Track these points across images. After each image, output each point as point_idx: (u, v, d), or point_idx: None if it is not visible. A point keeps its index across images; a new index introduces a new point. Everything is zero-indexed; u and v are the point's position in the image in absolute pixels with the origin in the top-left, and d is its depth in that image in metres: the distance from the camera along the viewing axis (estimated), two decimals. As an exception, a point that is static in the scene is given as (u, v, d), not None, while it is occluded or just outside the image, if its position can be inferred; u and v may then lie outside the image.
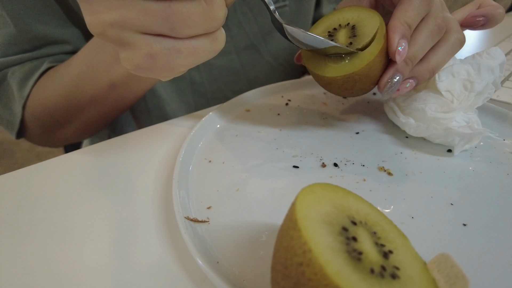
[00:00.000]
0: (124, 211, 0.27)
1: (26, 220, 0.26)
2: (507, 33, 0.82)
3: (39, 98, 0.41)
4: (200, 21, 0.19)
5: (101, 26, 0.19)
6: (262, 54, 0.57)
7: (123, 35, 0.19)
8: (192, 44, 0.20)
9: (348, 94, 0.32)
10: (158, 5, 0.18)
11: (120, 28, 0.19)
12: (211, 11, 0.19)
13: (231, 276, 0.20)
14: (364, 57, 0.29)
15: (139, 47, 0.20)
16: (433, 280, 0.15)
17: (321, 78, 0.31)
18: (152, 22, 0.19)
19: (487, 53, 0.32)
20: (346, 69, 0.29)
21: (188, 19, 0.19)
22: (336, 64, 0.30)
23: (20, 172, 0.32)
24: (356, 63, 0.29)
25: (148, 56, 0.20)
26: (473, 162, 0.30)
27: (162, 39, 0.20)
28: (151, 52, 0.20)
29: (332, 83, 0.31)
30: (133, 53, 0.20)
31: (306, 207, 0.16)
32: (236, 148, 0.34)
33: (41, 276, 0.22)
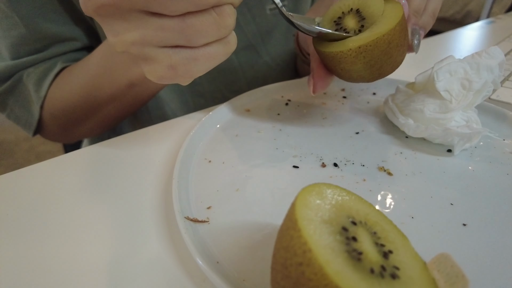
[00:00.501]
0: (124, 211, 0.27)
1: (26, 220, 0.26)
2: (507, 33, 0.82)
3: (56, 99, 0.42)
4: (213, 31, 0.21)
5: (124, 46, 0.21)
6: (260, 54, 0.57)
7: (144, 51, 0.21)
8: (207, 51, 0.22)
9: (396, 59, 0.30)
10: (173, 21, 0.20)
11: (141, 45, 0.21)
12: (222, 20, 0.21)
13: (231, 276, 0.20)
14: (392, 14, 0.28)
15: (160, 61, 0.21)
16: (433, 280, 0.15)
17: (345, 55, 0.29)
18: (169, 37, 0.20)
19: (486, 53, 0.32)
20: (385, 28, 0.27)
21: (202, 30, 0.20)
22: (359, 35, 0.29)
23: (20, 172, 0.32)
24: (388, 20, 0.28)
25: (169, 67, 0.22)
26: (473, 162, 0.30)
27: (180, 50, 0.21)
28: (171, 63, 0.21)
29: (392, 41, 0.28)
30: (155, 67, 0.22)
31: (306, 207, 0.16)
32: (236, 148, 0.34)
33: (41, 276, 0.22)
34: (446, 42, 0.76)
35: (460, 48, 0.72)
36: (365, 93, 0.45)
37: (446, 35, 0.82)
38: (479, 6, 1.81)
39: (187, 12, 0.20)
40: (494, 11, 1.74)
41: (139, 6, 0.19)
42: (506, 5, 1.84)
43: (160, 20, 0.20)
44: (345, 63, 0.29)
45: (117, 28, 0.20)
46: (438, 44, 0.72)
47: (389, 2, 0.30)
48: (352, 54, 0.28)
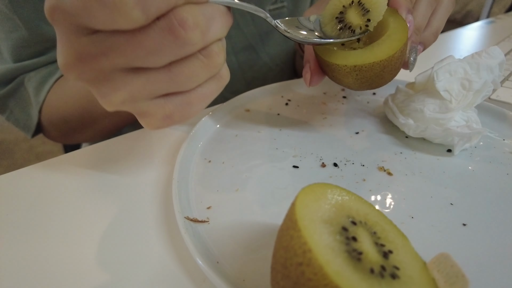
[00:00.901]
0: (124, 211, 0.27)
1: (26, 220, 0.26)
2: (507, 33, 0.82)
3: (53, 107, 0.42)
4: (203, 73, 0.20)
5: (114, 106, 0.20)
6: (259, 54, 0.57)
7: (136, 107, 0.20)
8: (201, 92, 0.21)
9: (387, 80, 0.31)
10: (159, 73, 0.19)
11: (131, 103, 0.20)
12: (211, 61, 0.20)
13: (231, 276, 0.20)
14: (397, 36, 0.28)
15: (154, 113, 0.21)
16: (433, 280, 0.15)
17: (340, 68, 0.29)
18: (158, 88, 0.19)
19: (486, 53, 0.32)
20: (385, 53, 0.28)
21: (191, 76, 0.19)
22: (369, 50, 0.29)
23: (20, 172, 0.32)
24: (391, 43, 0.28)
25: (164, 117, 0.21)
26: (473, 162, 0.30)
27: (172, 97, 0.20)
28: (166, 113, 0.21)
29: (387, 66, 0.29)
30: (150, 119, 0.21)
31: (306, 207, 0.16)
32: (236, 148, 0.34)
33: (41, 276, 0.22)
34: (446, 42, 0.76)
35: (460, 48, 0.72)
36: (365, 93, 0.45)
37: (446, 35, 0.82)
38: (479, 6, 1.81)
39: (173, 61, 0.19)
40: (494, 11, 1.74)
41: (121, 65, 0.18)
42: (506, 5, 1.84)
43: (145, 75, 0.19)
44: (338, 74, 0.30)
45: (103, 90, 0.19)
46: (438, 44, 0.72)
47: (396, 18, 0.29)
48: (346, 69, 0.29)
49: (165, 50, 0.17)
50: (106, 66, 0.18)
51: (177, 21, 0.17)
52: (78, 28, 0.17)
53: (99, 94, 0.20)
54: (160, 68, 0.19)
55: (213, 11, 0.19)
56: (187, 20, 0.17)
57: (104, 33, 0.17)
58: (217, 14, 0.19)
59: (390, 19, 0.29)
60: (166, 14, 0.17)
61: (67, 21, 0.17)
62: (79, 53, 0.18)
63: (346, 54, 0.29)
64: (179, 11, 0.17)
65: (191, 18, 0.17)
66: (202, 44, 0.18)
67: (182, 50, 0.18)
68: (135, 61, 0.18)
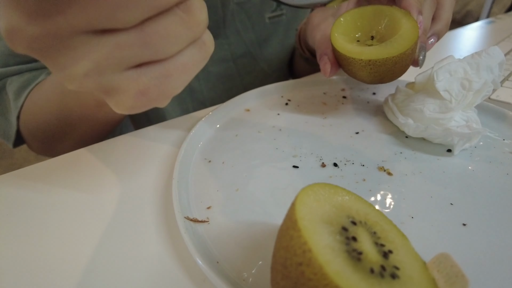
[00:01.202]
0: (124, 211, 0.27)
1: (26, 220, 0.26)
2: (507, 33, 0.82)
3: (30, 113, 0.40)
4: (182, 33, 0.16)
5: (76, 81, 0.16)
6: (257, 61, 0.58)
7: (102, 82, 0.16)
8: (181, 61, 0.17)
9: (397, 75, 0.34)
10: (130, 35, 0.15)
11: (97, 75, 0.16)
12: (190, 17, 0.16)
13: (231, 276, 0.20)
14: (408, 36, 0.31)
15: (125, 89, 0.17)
16: (432, 280, 0.15)
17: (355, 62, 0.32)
18: (130, 55, 0.16)
19: (486, 53, 0.32)
20: (398, 50, 0.31)
21: (168, 35, 0.16)
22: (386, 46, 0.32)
23: (20, 172, 0.32)
24: (403, 42, 0.31)
25: (138, 94, 0.17)
26: (473, 162, 0.30)
27: (147, 68, 0.17)
28: (140, 88, 0.17)
29: (399, 62, 0.31)
30: (121, 97, 0.17)
31: (306, 207, 0.16)
32: (236, 148, 0.34)
33: (41, 276, 0.22)
34: (446, 42, 0.76)
35: (460, 48, 0.72)
36: (365, 93, 0.45)
37: (446, 35, 0.82)
38: (479, 6, 1.81)
39: (145, 19, 0.15)
40: (494, 11, 1.74)
41: (82, 27, 0.14)
42: (506, 5, 1.84)
43: (113, 38, 0.15)
44: (353, 67, 0.33)
45: (61, 61, 0.15)
46: (438, 44, 0.72)
47: (408, 19, 0.32)
48: (362, 63, 0.32)
49: (134, 1, 0.14)
50: (64, 27, 0.14)
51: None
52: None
53: (57, 67, 0.16)
54: (131, 28, 0.15)
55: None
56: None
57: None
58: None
59: (403, 20, 0.32)
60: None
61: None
62: (27, 11, 0.14)
63: (363, 50, 0.32)
64: None
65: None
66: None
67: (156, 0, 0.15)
68: (99, 20, 0.14)
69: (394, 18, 0.34)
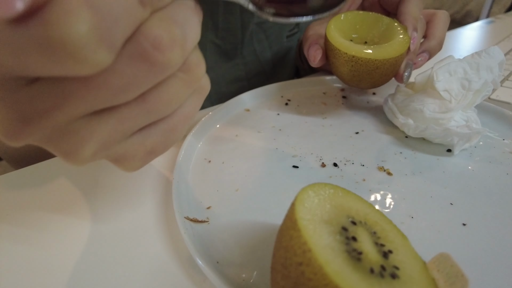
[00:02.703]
0: (124, 211, 0.27)
1: (26, 220, 0.26)
2: (507, 33, 0.82)
3: None
4: (184, 91, 0.16)
5: (85, 161, 0.15)
6: (269, 79, 0.58)
7: (110, 154, 0.16)
8: (182, 112, 0.17)
9: (375, 82, 0.35)
10: (133, 107, 0.14)
11: (103, 151, 0.15)
12: (192, 76, 0.16)
13: (231, 276, 0.20)
14: (397, 47, 0.33)
15: (133, 154, 0.17)
16: (432, 279, 0.16)
17: (340, 54, 0.33)
18: (133, 125, 0.15)
19: (486, 53, 0.32)
20: (382, 55, 0.32)
21: (171, 99, 0.15)
22: (380, 48, 0.33)
23: (20, 172, 0.32)
24: (390, 50, 0.32)
25: (146, 155, 0.17)
26: (472, 162, 0.30)
27: (151, 128, 0.16)
28: (147, 149, 0.17)
29: (380, 67, 0.33)
30: (130, 162, 0.17)
31: (305, 207, 0.16)
32: (236, 148, 0.34)
33: (40, 276, 0.22)
34: (445, 42, 0.76)
35: (459, 48, 0.72)
36: (365, 93, 0.45)
37: (445, 35, 0.82)
38: (479, 6, 1.81)
39: None
40: (493, 11, 1.74)
41: (79, 113, 0.13)
42: (505, 5, 1.84)
43: (115, 114, 0.14)
44: (337, 60, 0.34)
45: (65, 148, 0.14)
46: (437, 44, 0.72)
47: (403, 33, 0.34)
48: (345, 57, 0.33)
49: (138, 82, 0.13)
50: (61, 120, 0.13)
51: (149, 43, 0.13)
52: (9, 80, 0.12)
53: (62, 153, 0.15)
54: (132, 101, 0.14)
55: (185, 12, 0.14)
56: (161, 38, 0.13)
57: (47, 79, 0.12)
58: (189, 14, 0.14)
59: (398, 33, 0.34)
60: (133, 37, 0.12)
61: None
62: (20, 113, 0.13)
63: (350, 45, 0.33)
64: (148, 29, 0.13)
65: (166, 34, 0.13)
66: (183, 60, 0.14)
67: (161, 76, 0.14)
68: (99, 105, 0.13)
69: (391, 30, 0.35)
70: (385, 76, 0.34)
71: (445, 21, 0.38)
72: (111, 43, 0.11)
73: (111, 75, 0.13)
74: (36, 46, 0.10)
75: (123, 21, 0.11)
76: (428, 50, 0.36)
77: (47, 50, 0.10)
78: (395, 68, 0.33)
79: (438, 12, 0.39)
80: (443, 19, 0.38)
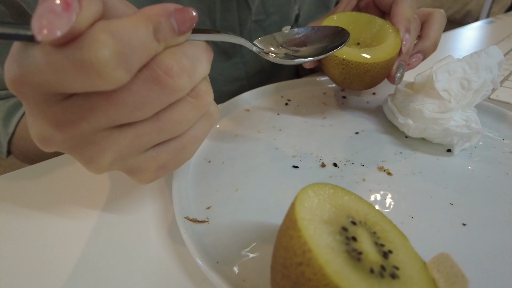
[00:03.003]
0: (124, 211, 0.27)
1: (26, 221, 0.26)
2: (507, 33, 0.82)
3: (22, 146, 0.40)
4: (193, 115, 0.19)
5: (103, 169, 0.18)
6: (270, 78, 0.58)
7: (126, 165, 0.19)
8: (192, 134, 0.20)
9: (366, 84, 0.35)
10: (147, 125, 0.17)
11: (120, 161, 0.18)
12: (200, 102, 0.18)
13: (231, 276, 0.20)
14: (387, 50, 0.33)
15: (146, 167, 0.19)
16: (432, 279, 0.16)
17: (331, 57, 0.33)
18: (148, 141, 0.18)
19: (485, 52, 0.32)
20: (372, 59, 0.32)
21: (182, 120, 0.18)
22: (372, 52, 0.33)
23: (20, 172, 0.32)
24: (381, 53, 0.32)
25: (158, 169, 0.20)
26: (472, 162, 0.30)
27: (163, 146, 0.19)
28: (159, 164, 0.19)
29: (370, 71, 0.33)
30: (143, 175, 0.20)
31: (305, 207, 0.16)
32: (236, 148, 0.34)
33: (40, 276, 0.22)
34: (445, 42, 0.76)
35: (459, 48, 0.72)
36: (364, 93, 0.45)
37: (445, 35, 0.82)
38: (479, 6, 1.81)
39: None
40: (493, 11, 1.74)
41: (102, 126, 0.16)
42: (505, 5, 1.84)
43: (132, 129, 0.17)
44: (328, 63, 0.34)
45: (88, 155, 0.17)
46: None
47: (395, 36, 0.33)
48: (336, 60, 0.33)
49: (152, 102, 0.16)
50: (87, 130, 0.16)
51: (161, 70, 0.16)
52: (48, 96, 0.15)
53: (84, 160, 0.18)
54: (147, 119, 0.17)
55: (195, 50, 0.18)
56: (172, 66, 0.16)
57: (78, 95, 0.16)
58: (199, 52, 0.18)
59: (390, 35, 0.34)
60: (148, 64, 0.16)
61: (35, 91, 0.15)
62: (54, 122, 0.16)
63: (341, 50, 0.32)
64: (161, 59, 0.16)
65: (176, 64, 0.16)
66: (191, 87, 0.17)
67: (171, 98, 0.17)
68: (119, 119, 0.16)
69: (384, 31, 0.35)
70: (376, 79, 0.34)
71: (440, 21, 0.38)
72: (127, 66, 0.14)
73: (129, 94, 0.15)
74: (72, 65, 0.13)
75: (139, 50, 0.14)
76: (422, 50, 0.36)
77: (80, 68, 0.13)
78: (386, 70, 0.33)
79: (434, 12, 0.38)
80: (438, 19, 0.38)
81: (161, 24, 0.15)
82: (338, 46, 0.28)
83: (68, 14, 0.13)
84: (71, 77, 0.14)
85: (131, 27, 0.14)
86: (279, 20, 0.52)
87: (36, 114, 0.16)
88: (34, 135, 0.17)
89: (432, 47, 0.36)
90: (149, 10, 0.15)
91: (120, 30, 0.14)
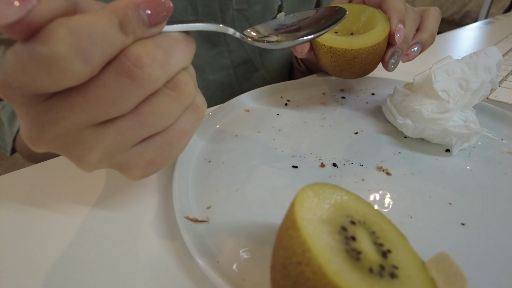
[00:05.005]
0: (124, 211, 0.27)
1: (26, 221, 0.26)
2: (505, 34, 0.82)
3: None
4: (175, 108, 0.18)
5: (92, 167, 0.19)
6: (257, 67, 0.58)
7: (114, 162, 0.19)
8: (178, 127, 0.19)
9: (357, 72, 0.35)
10: (128, 120, 0.17)
11: (108, 158, 0.19)
12: (179, 93, 0.18)
13: (231, 276, 0.20)
14: (374, 36, 0.33)
15: (134, 163, 0.19)
16: (431, 279, 0.16)
17: (320, 46, 0.33)
18: (132, 136, 0.18)
19: (484, 53, 0.32)
20: (358, 45, 0.32)
21: (163, 113, 0.18)
22: (358, 39, 0.33)
23: (20, 172, 0.32)
24: (368, 39, 0.32)
25: (146, 165, 0.20)
26: (471, 162, 0.30)
27: (149, 141, 0.19)
28: (147, 160, 0.19)
29: (357, 57, 0.33)
30: (133, 171, 0.20)
31: (305, 207, 0.16)
32: (236, 148, 0.34)
33: (40, 276, 0.22)
34: (444, 43, 0.76)
35: (458, 49, 0.72)
36: (364, 94, 0.45)
37: (444, 36, 0.82)
38: (478, 6, 1.81)
39: (139, 103, 0.17)
40: (492, 12, 1.74)
41: (85, 123, 0.16)
42: (504, 6, 1.85)
43: (114, 126, 0.17)
44: (318, 52, 0.35)
45: (76, 154, 0.18)
46: (436, 45, 0.72)
47: (383, 23, 0.33)
48: (324, 49, 0.34)
49: (126, 95, 0.16)
50: (71, 128, 0.17)
51: (130, 61, 0.15)
52: (31, 97, 0.16)
53: (74, 159, 0.18)
54: (128, 114, 0.17)
55: (169, 40, 0.17)
56: (141, 57, 0.16)
57: (58, 95, 0.16)
58: (174, 43, 0.17)
59: (380, 22, 0.34)
60: (116, 57, 0.15)
61: (17, 94, 0.15)
62: (39, 122, 0.16)
63: (328, 36, 0.34)
64: (130, 51, 0.16)
65: (145, 54, 0.16)
66: (165, 77, 0.17)
67: (145, 89, 0.16)
68: (99, 115, 0.16)
69: (373, 19, 0.35)
70: (366, 65, 0.34)
71: (436, 15, 0.38)
72: (86, 58, 0.14)
73: (103, 89, 0.16)
74: (34, 61, 0.14)
75: (101, 43, 0.14)
76: (420, 42, 0.36)
77: (41, 64, 0.14)
78: (375, 56, 0.33)
79: (429, 8, 0.39)
80: (434, 14, 0.38)
81: (127, 16, 0.15)
82: (333, 24, 0.28)
83: (22, 5, 0.13)
84: (37, 74, 0.14)
85: (92, 21, 0.14)
86: (261, 10, 0.52)
87: (24, 116, 0.17)
88: (24, 136, 0.17)
89: (429, 39, 0.37)
90: (116, 4, 0.15)
91: (79, 24, 0.14)
